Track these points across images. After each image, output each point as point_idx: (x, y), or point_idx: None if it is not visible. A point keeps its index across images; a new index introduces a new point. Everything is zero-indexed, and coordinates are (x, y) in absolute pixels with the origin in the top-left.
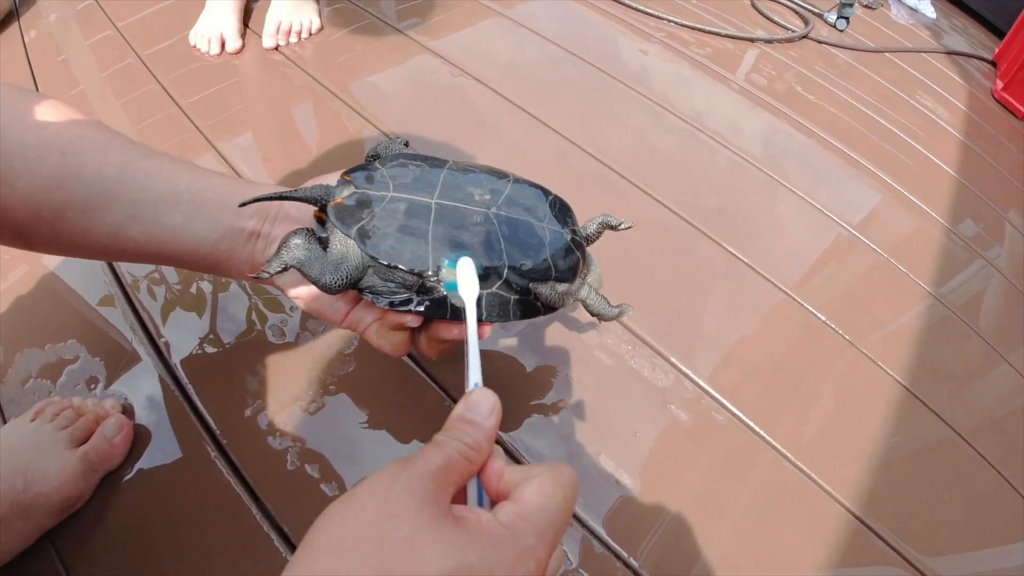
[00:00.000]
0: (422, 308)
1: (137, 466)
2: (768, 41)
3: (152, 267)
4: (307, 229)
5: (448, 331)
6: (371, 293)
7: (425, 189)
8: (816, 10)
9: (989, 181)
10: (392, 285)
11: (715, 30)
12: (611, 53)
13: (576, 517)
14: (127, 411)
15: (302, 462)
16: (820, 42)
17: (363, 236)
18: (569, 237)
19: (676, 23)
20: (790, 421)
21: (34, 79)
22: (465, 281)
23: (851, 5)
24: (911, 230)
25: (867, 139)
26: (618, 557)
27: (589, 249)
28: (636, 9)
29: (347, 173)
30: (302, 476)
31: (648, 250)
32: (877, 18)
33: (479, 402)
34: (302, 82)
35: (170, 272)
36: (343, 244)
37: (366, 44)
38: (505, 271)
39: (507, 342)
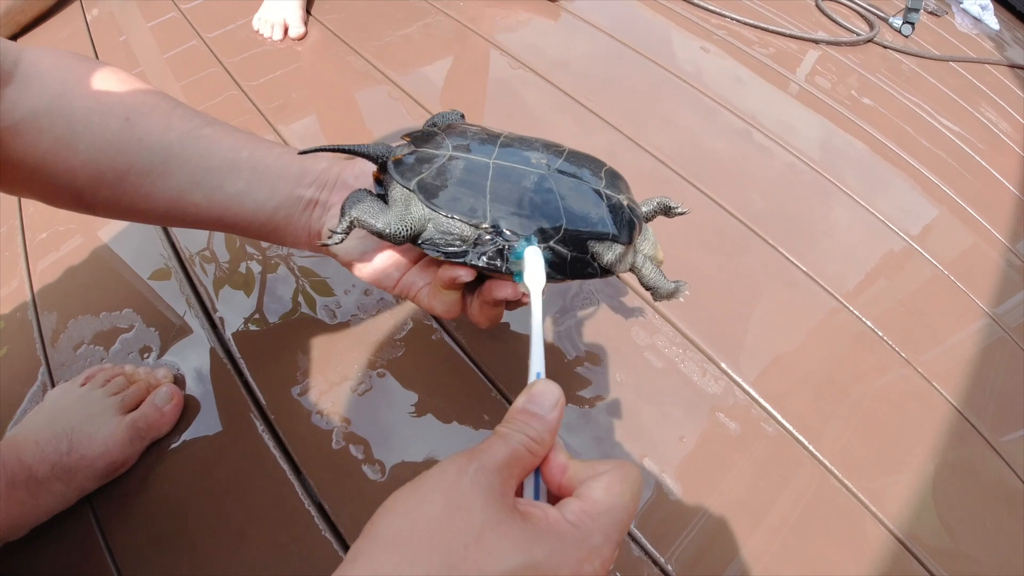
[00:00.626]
0: (477, 260)
1: (184, 436)
2: (832, 43)
3: (206, 243)
4: (366, 190)
5: (502, 290)
6: (428, 246)
7: (483, 151)
8: (881, 14)
9: None
10: (449, 237)
11: (778, 29)
12: (670, 49)
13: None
14: (178, 381)
15: (347, 442)
16: (885, 47)
17: (423, 188)
18: (626, 202)
19: (739, 21)
20: (838, 436)
21: (96, 57)
22: (532, 269)
23: (917, 11)
24: (969, 244)
25: (928, 148)
26: (654, 561)
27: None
28: (698, 5)
29: (407, 135)
30: (346, 456)
31: (701, 252)
32: (941, 26)
33: (543, 394)
34: (362, 69)
35: (221, 249)
36: (404, 198)
37: (427, 34)
38: (563, 228)
39: (556, 337)
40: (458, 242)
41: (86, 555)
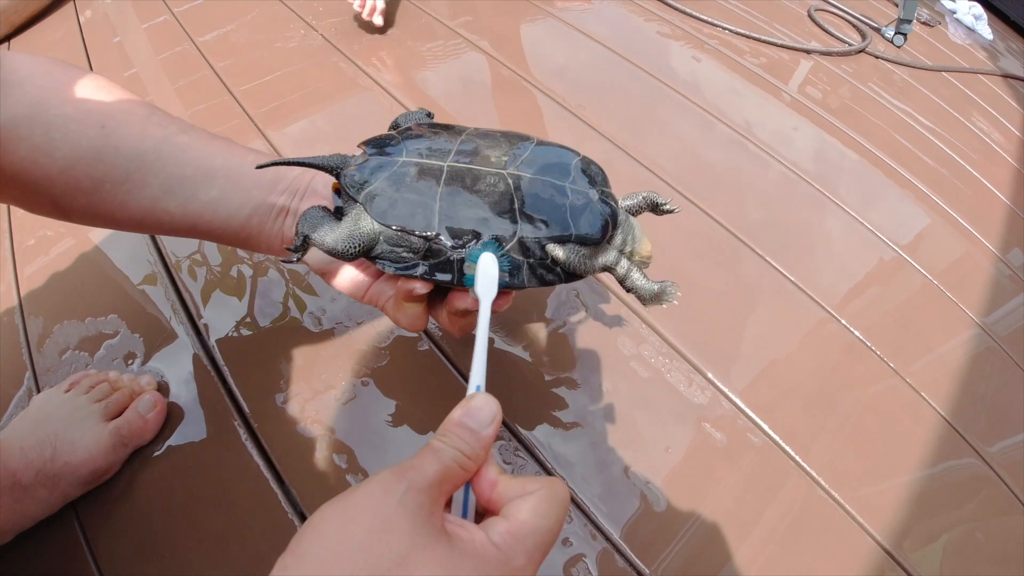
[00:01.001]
0: (427, 272)
1: (167, 443)
2: (824, 53)
3: (195, 248)
4: (321, 206)
5: (462, 300)
6: (381, 260)
7: (439, 153)
8: (874, 24)
9: None
10: (401, 251)
11: (771, 40)
12: (663, 59)
13: (599, 529)
14: (162, 388)
15: (330, 451)
16: (877, 57)
17: (371, 201)
18: (596, 197)
19: (731, 31)
20: (826, 447)
21: (88, 59)
22: (483, 277)
23: (909, 21)
24: (960, 255)
25: (920, 159)
26: (639, 573)
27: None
28: (690, 15)
29: (363, 143)
30: (329, 465)
31: (691, 261)
32: (934, 36)
33: (480, 409)
34: (354, 75)
35: (212, 254)
36: (355, 212)
37: (419, 41)
38: (518, 231)
39: (539, 346)
40: (409, 255)
41: (70, 561)
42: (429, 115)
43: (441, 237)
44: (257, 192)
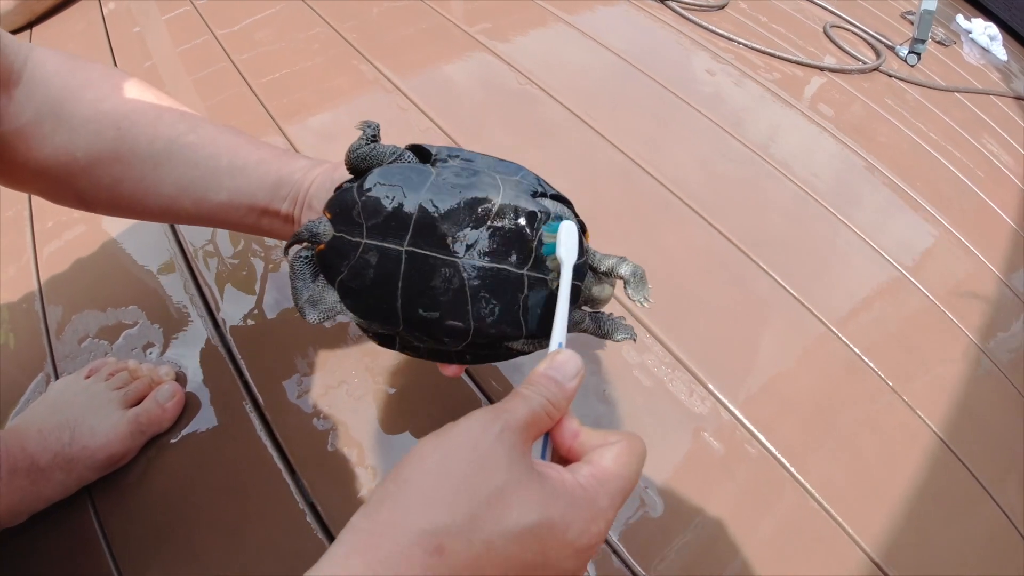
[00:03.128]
0: (403, 351)
1: (183, 432)
2: (838, 71)
3: (214, 239)
4: (309, 255)
5: (445, 369)
6: (360, 327)
7: (398, 229)
8: (889, 42)
9: None
10: (373, 324)
11: (785, 56)
12: (678, 72)
13: (612, 547)
14: (180, 378)
15: (341, 445)
16: (891, 76)
17: (342, 291)
18: (555, 285)
19: (746, 46)
20: (822, 461)
21: (111, 49)
22: (565, 245)
23: (924, 41)
24: (964, 277)
25: (929, 179)
26: (633, 573)
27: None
28: (707, 28)
29: (328, 208)
30: (340, 459)
31: (699, 276)
32: (949, 56)
33: (566, 363)
34: (372, 76)
35: (230, 245)
36: (325, 284)
37: (436, 44)
38: (470, 334)
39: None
40: (382, 331)
41: (83, 544)
42: (374, 138)
43: (404, 332)
44: (263, 196)
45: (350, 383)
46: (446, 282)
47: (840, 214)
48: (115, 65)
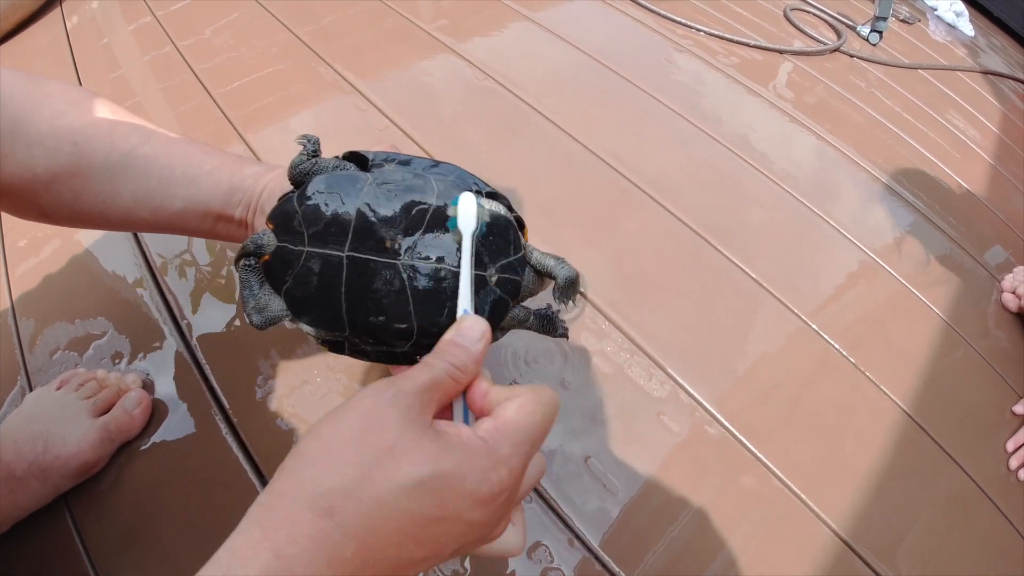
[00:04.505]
0: (353, 355)
1: (153, 438)
2: (797, 53)
3: (179, 251)
4: (254, 264)
5: (395, 370)
6: (308, 334)
7: (338, 236)
8: (850, 23)
9: (1018, 208)
10: (321, 331)
11: (744, 40)
12: (636, 61)
13: (562, 519)
14: (147, 386)
15: None
16: (852, 56)
17: (288, 300)
18: (495, 280)
19: (705, 32)
20: (784, 439)
21: (75, 63)
22: (463, 217)
23: (885, 19)
24: (933, 255)
25: (894, 158)
26: (590, 550)
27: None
28: (664, 17)
29: (270, 219)
30: None
31: (656, 261)
32: (914, 33)
33: (470, 328)
34: (331, 79)
35: (197, 256)
36: (271, 292)
37: (397, 45)
38: (414, 332)
39: (503, 339)
40: (330, 337)
41: (62, 550)
42: (315, 153)
43: (351, 336)
44: (217, 204)
45: (312, 383)
46: (388, 284)
47: (800, 195)
48: (79, 79)
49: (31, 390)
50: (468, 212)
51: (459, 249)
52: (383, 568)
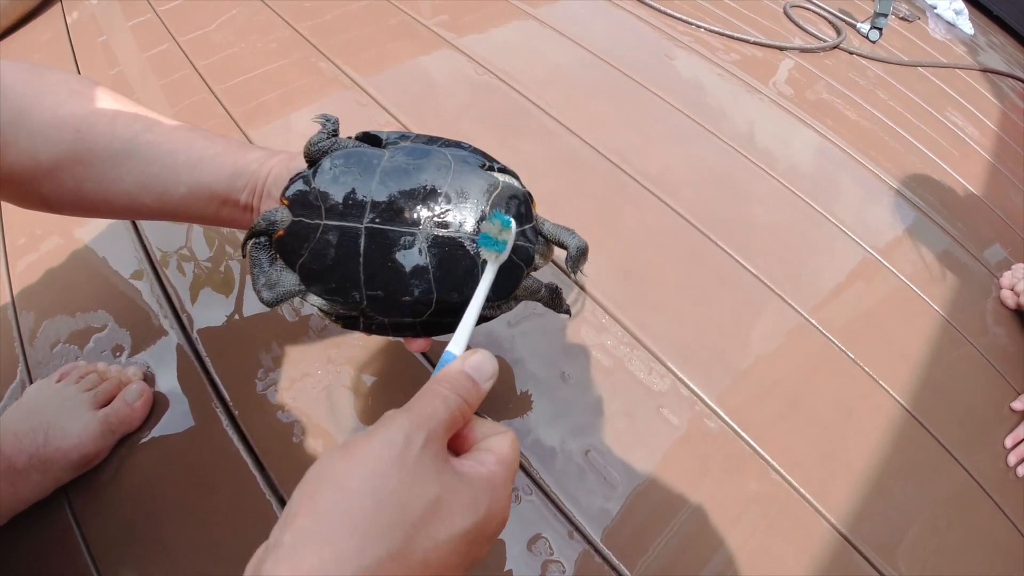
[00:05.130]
0: (368, 330)
1: (153, 431)
2: (796, 50)
3: (179, 243)
4: (265, 243)
5: (411, 344)
6: (320, 310)
7: (356, 209)
8: (850, 20)
9: (1017, 205)
10: (336, 307)
11: (744, 37)
12: (636, 57)
13: (562, 511)
14: (148, 379)
15: (307, 436)
16: (852, 53)
17: (303, 274)
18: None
19: (705, 28)
20: (783, 433)
21: (76, 60)
22: (497, 243)
23: (886, 16)
24: (932, 252)
25: (893, 156)
26: (589, 543)
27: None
28: (665, 13)
29: (285, 195)
30: (306, 450)
31: (656, 256)
32: (913, 31)
33: (483, 364)
34: (332, 74)
35: (197, 249)
36: (283, 266)
37: (397, 40)
38: (433, 302)
39: (504, 333)
40: (348, 309)
41: (62, 542)
42: (335, 132)
43: (367, 309)
44: (221, 188)
45: (313, 375)
46: (407, 254)
47: (799, 191)
48: (80, 74)
49: (31, 383)
50: (504, 238)
51: (481, 268)
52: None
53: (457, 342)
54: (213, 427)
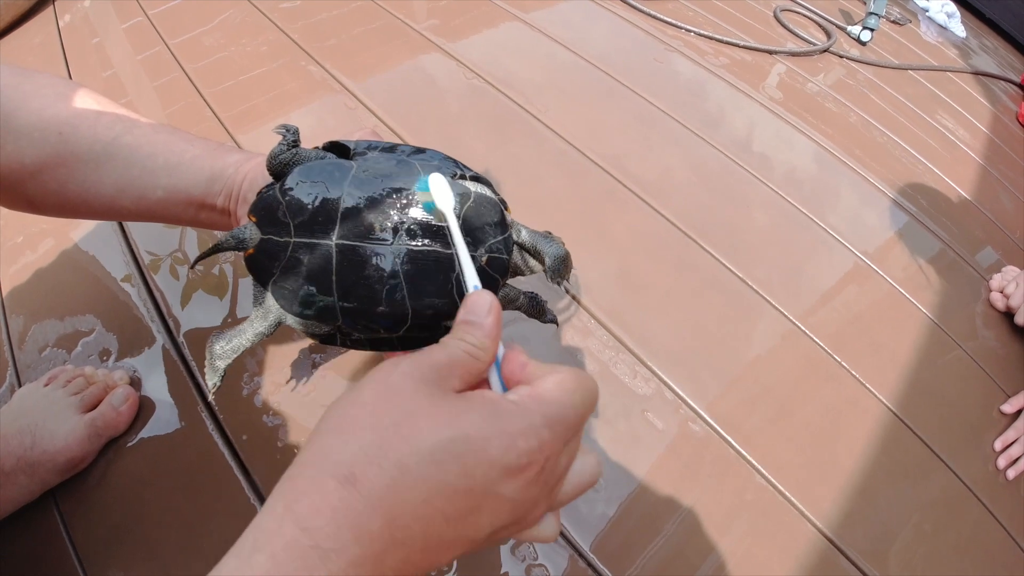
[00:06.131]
0: (345, 345)
1: (140, 434)
2: (786, 53)
3: (166, 249)
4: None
5: (389, 355)
6: (301, 328)
7: (326, 224)
8: (840, 24)
9: (1007, 208)
10: (313, 326)
11: (734, 41)
12: (625, 61)
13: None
14: (135, 383)
15: (291, 439)
16: (842, 56)
17: (278, 295)
18: (484, 260)
19: (695, 33)
20: (769, 438)
21: (67, 62)
22: (439, 196)
23: (878, 15)
24: (922, 256)
25: (884, 160)
26: (575, 549)
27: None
28: (654, 17)
29: (252, 212)
30: (290, 453)
31: (643, 260)
32: (905, 35)
33: (477, 302)
34: (321, 78)
35: (177, 254)
36: (260, 291)
37: (386, 44)
38: (409, 317)
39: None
40: (322, 328)
41: (50, 545)
42: (295, 143)
43: (344, 325)
44: (198, 192)
45: (298, 379)
46: (379, 270)
47: (789, 196)
48: (71, 77)
49: (20, 386)
50: (441, 189)
51: (447, 229)
52: (413, 548)
53: (470, 280)
54: (198, 431)
